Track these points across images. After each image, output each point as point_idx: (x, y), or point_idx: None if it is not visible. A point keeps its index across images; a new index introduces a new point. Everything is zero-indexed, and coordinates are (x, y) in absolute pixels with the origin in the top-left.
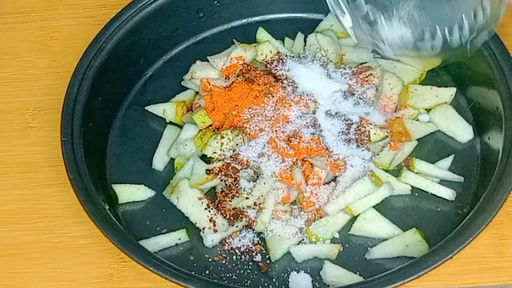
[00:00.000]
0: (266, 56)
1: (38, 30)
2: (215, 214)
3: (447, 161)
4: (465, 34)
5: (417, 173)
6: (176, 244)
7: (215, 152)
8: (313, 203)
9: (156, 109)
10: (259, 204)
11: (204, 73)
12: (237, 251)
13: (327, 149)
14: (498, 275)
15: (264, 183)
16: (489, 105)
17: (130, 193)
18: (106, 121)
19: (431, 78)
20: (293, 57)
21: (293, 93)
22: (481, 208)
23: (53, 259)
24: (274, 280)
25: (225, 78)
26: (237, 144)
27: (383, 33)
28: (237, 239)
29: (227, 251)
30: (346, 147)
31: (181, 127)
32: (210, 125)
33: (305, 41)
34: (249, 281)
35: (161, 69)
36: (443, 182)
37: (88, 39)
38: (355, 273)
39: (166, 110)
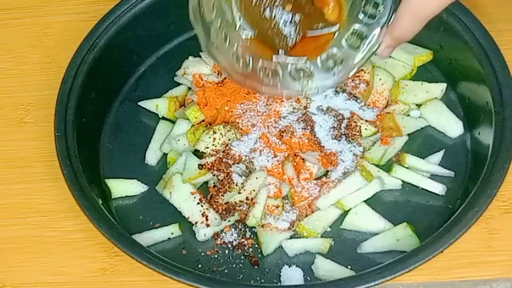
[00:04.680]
0: None
1: (31, 26)
2: (207, 209)
3: (437, 156)
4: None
5: (408, 168)
6: (169, 238)
7: (207, 147)
8: (305, 197)
9: (149, 104)
10: (251, 198)
11: (197, 68)
12: (229, 245)
13: (318, 144)
14: (488, 269)
15: (256, 178)
16: (479, 101)
17: (123, 187)
18: (99, 116)
19: (422, 74)
20: None
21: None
22: (471, 202)
23: (47, 254)
24: (266, 274)
25: (218, 73)
26: (229, 139)
27: None
28: (229, 233)
29: (219, 245)
30: (337, 142)
31: (173, 122)
32: (203, 121)
33: None
34: (241, 275)
35: (154, 65)
36: (433, 177)
37: (82, 35)
38: (347, 267)
39: (159, 105)
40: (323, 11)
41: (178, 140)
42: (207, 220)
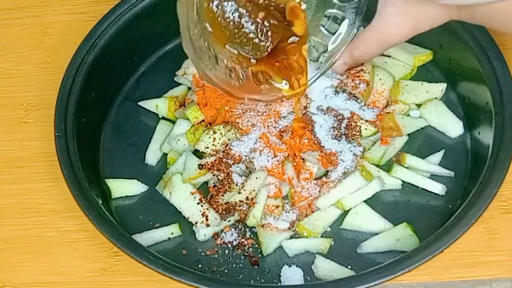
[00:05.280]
0: None
1: (32, 26)
2: (207, 209)
3: (437, 156)
4: None
5: (408, 168)
6: (169, 238)
7: (207, 147)
8: (305, 197)
9: (149, 104)
10: (251, 198)
11: None
12: (229, 245)
13: (318, 144)
14: (488, 269)
15: (256, 178)
16: (479, 101)
17: (123, 187)
18: (99, 116)
19: (422, 74)
20: None
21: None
22: (471, 202)
23: (47, 254)
24: (266, 274)
25: None
26: (229, 139)
27: None
28: (229, 233)
29: (219, 245)
30: (337, 142)
31: (173, 122)
32: (203, 120)
33: None
34: (241, 275)
35: (154, 65)
36: (433, 176)
37: (82, 35)
38: (347, 267)
39: (159, 105)
40: (292, 24)
41: (178, 140)
42: (207, 220)
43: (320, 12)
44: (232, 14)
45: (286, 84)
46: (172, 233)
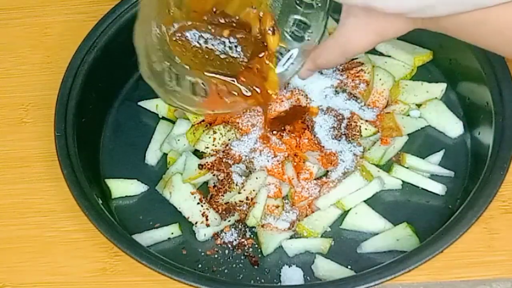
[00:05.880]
0: None
1: (31, 26)
2: (207, 209)
3: (437, 156)
4: None
5: (408, 168)
6: (169, 238)
7: (207, 147)
8: (305, 197)
9: (149, 104)
10: (251, 198)
11: None
12: (229, 245)
13: (318, 144)
14: (488, 269)
15: (256, 178)
16: (479, 101)
17: (123, 187)
18: (99, 116)
19: (422, 74)
20: None
21: (284, 88)
22: (471, 202)
23: (47, 254)
24: (266, 274)
25: None
26: (229, 139)
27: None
28: (229, 233)
29: (219, 245)
30: (337, 142)
31: (173, 122)
32: (203, 120)
33: None
34: (241, 275)
35: None
36: (433, 176)
37: (82, 35)
38: (347, 267)
39: (159, 105)
40: (264, 39)
41: (178, 140)
42: (207, 220)
43: (284, 18)
44: (197, 41)
45: (247, 91)
46: (172, 233)
